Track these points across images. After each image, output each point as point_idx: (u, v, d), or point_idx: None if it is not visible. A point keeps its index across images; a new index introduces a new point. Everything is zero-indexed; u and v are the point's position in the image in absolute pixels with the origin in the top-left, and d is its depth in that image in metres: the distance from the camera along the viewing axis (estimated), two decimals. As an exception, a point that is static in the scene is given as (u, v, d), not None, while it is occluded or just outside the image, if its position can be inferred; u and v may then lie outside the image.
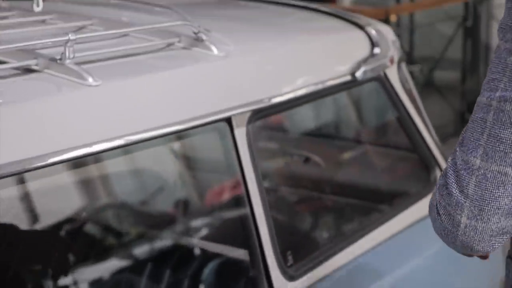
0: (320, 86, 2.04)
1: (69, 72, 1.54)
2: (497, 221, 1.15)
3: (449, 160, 1.20)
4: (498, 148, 1.13)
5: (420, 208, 2.32)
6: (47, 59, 1.57)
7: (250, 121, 1.84)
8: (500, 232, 1.16)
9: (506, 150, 1.13)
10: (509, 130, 1.13)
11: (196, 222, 2.34)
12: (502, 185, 1.13)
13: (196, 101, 1.72)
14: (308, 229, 2.49)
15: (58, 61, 1.56)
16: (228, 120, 1.79)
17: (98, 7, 2.11)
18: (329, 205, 2.69)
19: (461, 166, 1.16)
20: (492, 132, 1.14)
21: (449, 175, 1.18)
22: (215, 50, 1.84)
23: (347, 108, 2.87)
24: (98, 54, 1.70)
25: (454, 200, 1.16)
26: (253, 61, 1.91)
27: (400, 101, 2.38)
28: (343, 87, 2.18)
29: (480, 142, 1.14)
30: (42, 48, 1.64)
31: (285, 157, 2.87)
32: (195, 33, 1.85)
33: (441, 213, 1.19)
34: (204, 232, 2.30)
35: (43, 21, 1.99)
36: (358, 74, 2.17)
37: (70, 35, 1.55)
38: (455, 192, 1.16)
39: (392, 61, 2.36)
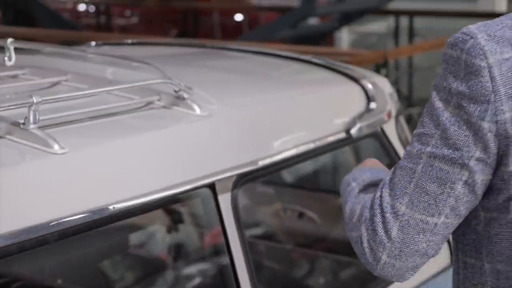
0: (312, 146, 1.90)
1: (33, 138, 1.40)
2: (414, 261, 1.27)
3: (376, 197, 1.28)
4: (423, 199, 1.24)
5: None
6: (9, 123, 1.43)
7: (236, 186, 1.69)
8: (415, 267, 1.29)
9: (430, 202, 1.23)
10: (435, 184, 1.23)
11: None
12: (422, 232, 1.25)
13: (175, 167, 1.58)
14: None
15: (21, 125, 1.42)
16: (212, 186, 1.64)
17: (74, 61, 1.97)
18: (322, 262, 2.53)
19: (387, 209, 1.26)
20: (419, 183, 1.23)
21: (376, 214, 1.27)
22: (197, 110, 1.71)
23: (342, 162, 2.72)
24: (68, 115, 1.56)
25: (378, 239, 1.26)
26: (238, 121, 1.77)
27: (398, 156, 2.23)
28: (337, 145, 2.03)
29: (407, 191, 1.24)
30: (6, 109, 1.50)
31: (279, 211, 2.71)
32: (175, 91, 1.71)
33: (364, 245, 1.29)
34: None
35: (15, 77, 1.86)
36: (353, 131, 2.03)
37: (34, 98, 1.41)
38: (380, 232, 1.26)
39: (389, 115, 2.21)
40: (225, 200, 1.66)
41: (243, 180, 1.72)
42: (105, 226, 1.45)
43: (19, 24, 8.32)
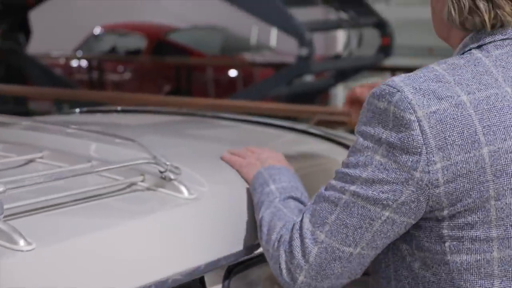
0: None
1: (-5, 233, 1.23)
2: (329, 282, 1.38)
3: (297, 221, 1.40)
4: (341, 231, 1.34)
5: None
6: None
7: (227, 277, 1.52)
8: (330, 286, 1.39)
9: (348, 233, 1.33)
10: (355, 219, 1.32)
11: None
12: (338, 259, 1.35)
13: (159, 259, 1.41)
14: None
15: (-17, 218, 1.25)
16: (201, 280, 1.47)
17: (52, 135, 1.81)
18: None
19: (306, 235, 1.36)
20: (340, 217, 1.33)
21: (295, 238, 1.38)
22: (185, 192, 1.54)
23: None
24: (39, 202, 1.39)
25: (296, 261, 1.37)
26: (231, 205, 1.60)
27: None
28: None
29: (328, 221, 1.34)
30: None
31: None
32: (161, 172, 1.55)
33: (282, 266, 1.39)
34: None
35: (-17, 153, 1.70)
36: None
37: (-2, 186, 1.24)
38: (297, 255, 1.37)
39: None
40: (215, 294, 1.49)
41: (236, 270, 1.55)
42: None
43: (11, 80, 8.20)
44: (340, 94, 8.81)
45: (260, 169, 1.60)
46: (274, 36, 9.19)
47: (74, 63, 10.44)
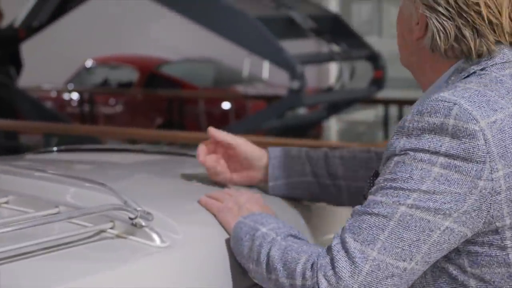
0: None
1: None
2: None
3: (335, 244, 1.35)
4: (397, 245, 1.31)
5: None
6: None
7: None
8: None
9: (404, 248, 1.31)
10: (412, 232, 1.31)
11: None
12: (391, 276, 1.32)
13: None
14: None
15: None
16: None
17: (20, 178, 1.71)
18: None
19: (354, 254, 1.32)
20: (395, 231, 1.31)
21: (338, 259, 1.33)
22: (156, 240, 1.44)
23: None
24: (1, 252, 1.30)
25: (343, 283, 1.31)
26: (207, 253, 1.50)
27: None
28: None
29: (380, 237, 1.31)
30: None
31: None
32: (131, 218, 1.45)
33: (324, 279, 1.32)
34: None
35: None
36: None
37: None
38: (344, 276, 1.31)
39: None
40: None
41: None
42: None
43: (1, 114, 8.13)
44: (333, 126, 8.76)
45: (239, 218, 1.52)
46: (266, 68, 9.13)
47: (66, 96, 10.38)
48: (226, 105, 9.29)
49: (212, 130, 1.75)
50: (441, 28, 1.40)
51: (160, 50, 11.00)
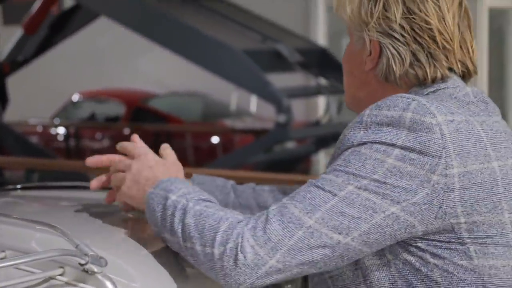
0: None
1: None
2: (302, 269, 1.32)
3: (273, 209, 1.33)
4: (336, 218, 1.31)
5: None
6: None
7: None
8: (297, 274, 1.33)
9: (343, 222, 1.30)
10: (354, 209, 1.30)
11: None
12: (322, 246, 1.31)
13: None
14: None
15: None
16: None
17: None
18: None
19: (290, 220, 1.31)
20: (337, 205, 1.31)
21: (273, 222, 1.31)
22: (110, 288, 1.33)
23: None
24: None
25: (270, 245, 1.30)
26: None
27: None
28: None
29: (321, 208, 1.31)
30: None
31: None
32: (81, 264, 1.33)
33: (247, 251, 1.30)
34: None
35: None
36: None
37: None
38: (273, 238, 1.30)
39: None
40: None
41: None
42: None
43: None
44: (322, 160, 8.64)
45: (150, 189, 1.47)
46: (254, 101, 9.06)
47: (52, 130, 10.26)
48: (213, 139, 9.18)
49: (136, 138, 1.68)
50: (396, 54, 1.42)
51: (147, 84, 10.92)
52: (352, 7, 1.48)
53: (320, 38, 9.39)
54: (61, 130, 10.20)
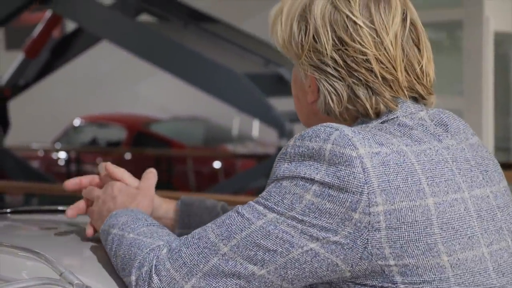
0: None
1: None
2: None
3: (194, 232, 1.28)
4: (251, 248, 1.23)
5: None
6: None
7: None
8: None
9: (257, 253, 1.22)
10: (270, 241, 1.21)
11: None
12: (237, 275, 1.23)
13: None
14: None
15: None
16: None
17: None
18: None
19: (206, 245, 1.25)
20: (252, 235, 1.22)
21: (190, 246, 1.26)
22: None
23: None
24: None
25: (186, 269, 1.24)
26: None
27: None
28: None
29: (236, 236, 1.23)
30: None
31: None
32: (67, 293, 1.26)
33: (163, 274, 1.25)
34: None
35: None
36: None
37: None
38: (190, 263, 1.24)
39: None
40: None
41: None
42: None
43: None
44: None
45: (101, 226, 1.41)
46: (256, 126, 9.01)
47: (53, 155, 10.21)
48: (215, 164, 9.13)
49: (110, 166, 1.58)
50: (333, 90, 1.29)
51: (149, 108, 10.89)
52: (284, 37, 1.35)
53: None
54: (62, 155, 10.15)
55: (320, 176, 1.21)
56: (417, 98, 1.33)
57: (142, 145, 9.60)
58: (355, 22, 1.28)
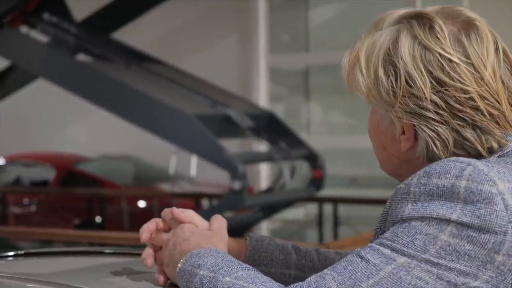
0: None
1: None
2: None
3: (309, 279, 1.17)
4: None
5: None
6: None
7: None
8: None
9: None
10: None
11: None
12: None
13: None
14: None
15: None
16: None
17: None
18: None
19: None
20: (382, 283, 1.12)
21: None
22: None
23: None
24: None
25: None
26: None
27: None
28: None
29: (362, 284, 1.13)
30: None
31: None
32: None
33: None
34: None
35: None
36: None
37: None
38: None
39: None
40: None
41: None
42: None
43: None
44: (264, 226, 8.55)
45: (178, 266, 1.29)
46: (194, 165, 8.90)
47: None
48: (149, 204, 8.94)
49: (176, 210, 1.43)
50: (435, 136, 1.20)
51: (77, 147, 10.61)
52: (368, 85, 1.24)
53: (262, 101, 9.34)
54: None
55: (457, 216, 1.12)
56: None
57: (72, 185, 9.32)
58: (450, 60, 1.19)
